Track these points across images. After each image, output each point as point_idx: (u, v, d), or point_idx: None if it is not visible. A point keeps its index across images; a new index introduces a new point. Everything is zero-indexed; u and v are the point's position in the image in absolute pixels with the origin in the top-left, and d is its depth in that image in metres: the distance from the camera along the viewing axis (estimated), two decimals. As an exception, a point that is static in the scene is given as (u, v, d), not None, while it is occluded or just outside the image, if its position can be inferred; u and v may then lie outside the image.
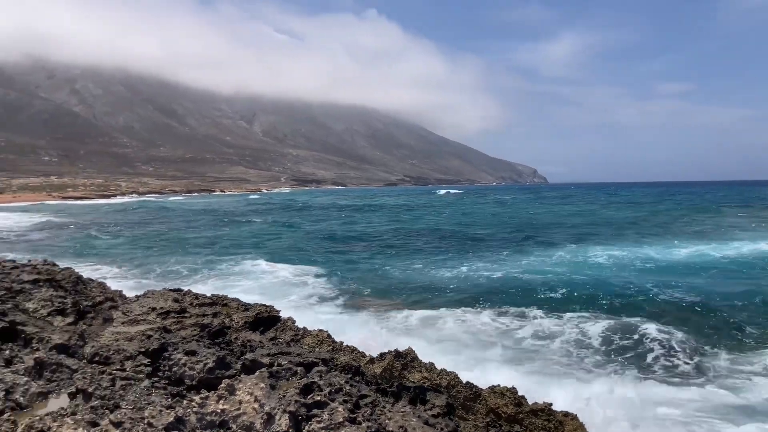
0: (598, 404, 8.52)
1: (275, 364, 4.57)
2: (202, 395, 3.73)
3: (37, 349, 5.67)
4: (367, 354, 8.28)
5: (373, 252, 26.07)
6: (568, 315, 13.50)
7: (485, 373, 9.43)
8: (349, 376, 4.23)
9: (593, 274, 19.05)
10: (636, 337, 11.63)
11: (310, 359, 4.63)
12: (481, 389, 7.68)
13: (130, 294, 10.98)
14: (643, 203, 72.17)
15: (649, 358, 10.53)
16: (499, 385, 8.12)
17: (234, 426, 3.56)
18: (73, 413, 3.62)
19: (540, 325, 12.68)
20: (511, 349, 11.06)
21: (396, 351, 7.85)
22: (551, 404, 7.31)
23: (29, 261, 11.52)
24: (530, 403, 7.40)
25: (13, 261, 11.36)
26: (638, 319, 12.89)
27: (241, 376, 3.98)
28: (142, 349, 5.57)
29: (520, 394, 7.37)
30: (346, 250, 26.79)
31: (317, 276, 19.57)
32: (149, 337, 7.60)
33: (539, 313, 13.70)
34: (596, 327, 12.31)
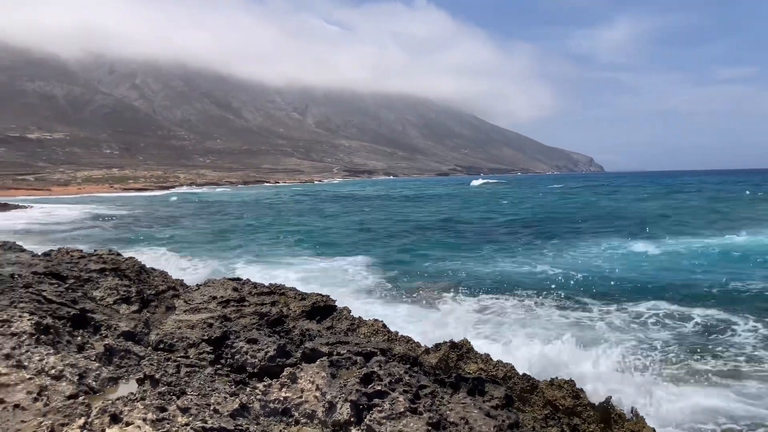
0: (662, 400, 8.31)
1: (334, 353, 4.62)
2: (265, 383, 3.80)
3: (106, 336, 5.89)
4: (423, 344, 8.29)
5: (420, 242, 26.03)
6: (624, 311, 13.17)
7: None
8: (408, 366, 4.24)
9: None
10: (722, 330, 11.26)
11: (369, 349, 4.66)
12: (538, 381, 7.60)
13: (190, 282, 11.28)
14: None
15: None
16: (556, 378, 8.02)
17: (296, 413, 3.61)
18: (142, 398, 3.74)
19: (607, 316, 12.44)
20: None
21: (451, 342, 7.83)
22: (611, 397, 7.18)
23: (95, 251, 11.97)
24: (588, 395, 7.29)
25: (81, 250, 11.83)
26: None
27: (303, 364, 4.03)
28: (205, 337, 5.72)
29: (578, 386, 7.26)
30: (395, 240, 26.84)
31: (366, 266, 19.67)
32: (211, 325, 7.80)
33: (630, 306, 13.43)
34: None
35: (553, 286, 15.50)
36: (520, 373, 7.76)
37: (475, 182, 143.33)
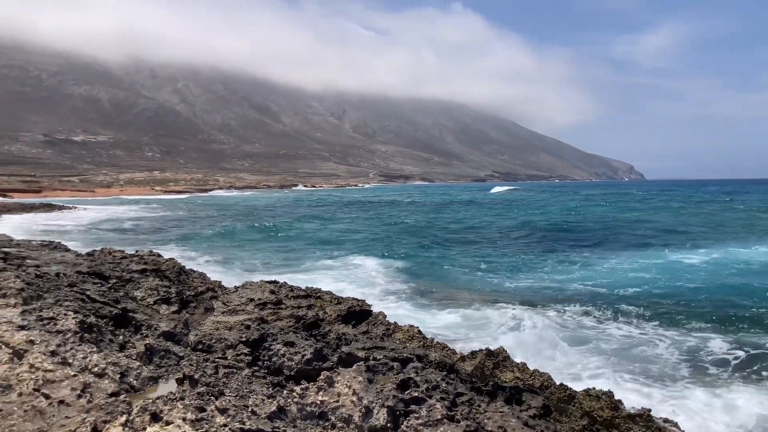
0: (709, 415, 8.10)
1: (371, 358, 4.62)
2: (302, 386, 3.81)
3: (147, 336, 6.00)
4: (458, 351, 8.23)
5: (455, 248, 25.89)
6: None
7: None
8: (444, 373, 4.21)
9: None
10: None
11: (405, 354, 4.64)
12: (576, 391, 7.48)
13: (227, 283, 11.44)
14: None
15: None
16: (594, 388, 7.88)
17: (333, 417, 3.62)
18: (182, 398, 3.79)
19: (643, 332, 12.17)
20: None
21: (488, 349, 7.76)
22: (650, 410, 7.02)
23: (136, 251, 12.23)
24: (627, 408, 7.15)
25: (122, 251, 12.10)
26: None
27: (339, 368, 4.04)
28: (243, 339, 5.78)
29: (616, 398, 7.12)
30: (429, 245, 26.74)
31: (399, 270, 19.66)
32: (248, 327, 7.89)
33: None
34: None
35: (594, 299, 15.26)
36: (557, 383, 7.66)
37: (495, 189, 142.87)
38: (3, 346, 4.38)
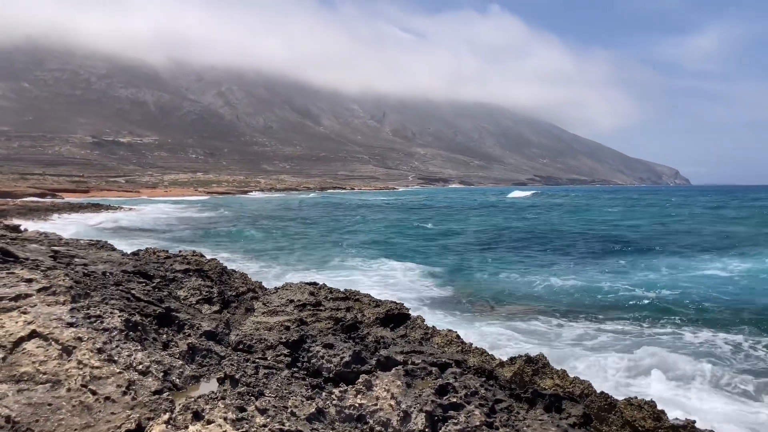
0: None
1: (409, 362, 4.62)
2: (341, 388, 3.84)
3: (189, 335, 6.11)
4: (497, 357, 8.17)
5: (488, 253, 25.67)
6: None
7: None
8: (483, 379, 4.18)
9: None
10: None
11: (444, 359, 4.63)
12: (617, 400, 7.34)
13: (268, 284, 11.58)
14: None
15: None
16: (635, 397, 7.71)
17: (371, 421, 3.63)
18: (223, 397, 3.85)
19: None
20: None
21: (527, 356, 7.67)
22: (695, 421, 6.84)
23: (180, 252, 12.48)
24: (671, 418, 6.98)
25: (166, 251, 12.36)
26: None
27: (378, 372, 4.05)
28: (283, 340, 5.84)
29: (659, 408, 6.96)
30: (464, 251, 26.57)
31: (434, 276, 19.61)
32: (288, 328, 7.97)
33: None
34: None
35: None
36: (598, 390, 7.53)
37: (512, 194, 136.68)
38: (53, 343, 4.53)
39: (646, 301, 15.23)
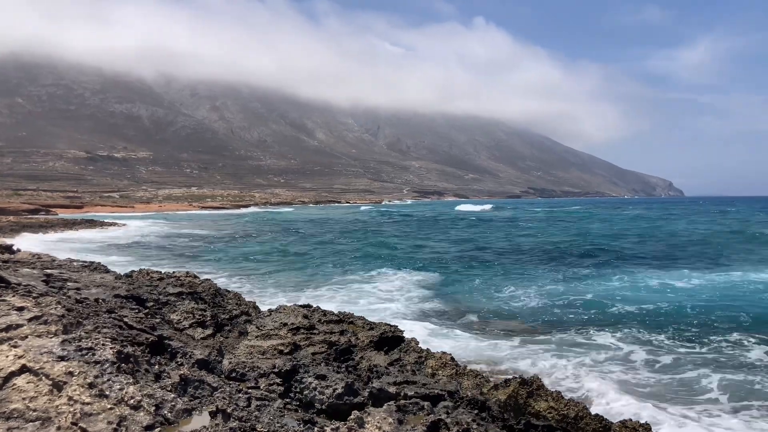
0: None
1: (401, 393, 4.62)
2: (333, 426, 3.83)
3: (182, 364, 6.09)
4: (491, 379, 8.15)
5: (487, 268, 25.68)
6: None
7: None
8: (476, 412, 4.18)
9: None
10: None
11: (437, 391, 4.63)
12: (612, 423, 7.36)
13: (262, 304, 11.55)
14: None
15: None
16: (630, 420, 7.74)
17: (363, 459, 3.62)
18: (215, 433, 3.84)
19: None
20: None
21: (521, 378, 7.68)
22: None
23: (174, 272, 12.46)
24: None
25: (159, 272, 12.35)
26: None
27: (370, 408, 4.05)
28: (276, 369, 5.83)
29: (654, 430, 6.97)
30: (462, 265, 26.58)
31: (425, 287, 19.62)
32: (281, 352, 7.95)
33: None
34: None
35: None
36: (593, 413, 7.53)
37: (459, 207, 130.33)
38: (44, 378, 4.50)
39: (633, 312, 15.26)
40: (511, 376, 8.00)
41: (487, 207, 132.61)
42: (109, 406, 4.31)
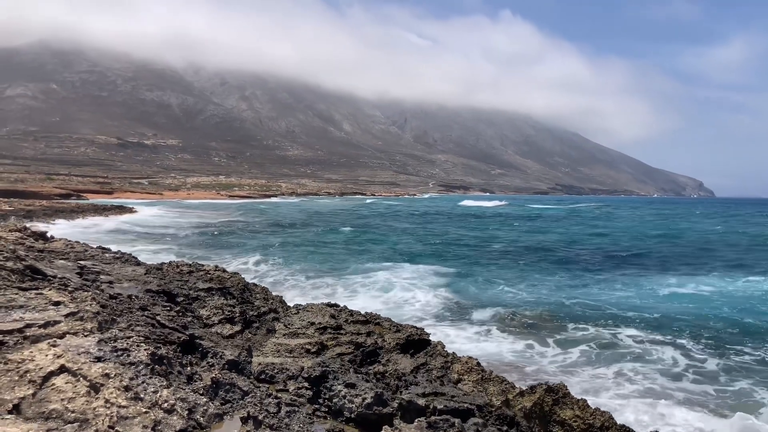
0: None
1: (430, 406, 4.65)
2: (363, 441, 3.86)
3: (213, 366, 6.18)
4: (517, 386, 8.12)
5: (514, 265, 25.53)
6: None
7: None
8: (505, 429, 4.18)
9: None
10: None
11: (466, 405, 4.64)
12: (638, 434, 7.29)
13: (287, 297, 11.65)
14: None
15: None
16: (657, 431, 7.69)
17: (393, 475, 3.64)
18: (247, 442, 3.89)
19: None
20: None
21: (547, 385, 7.63)
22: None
23: (203, 265, 12.61)
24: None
25: (188, 264, 12.49)
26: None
27: (402, 425, 4.07)
28: (305, 375, 5.89)
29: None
30: (490, 265, 26.47)
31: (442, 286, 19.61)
32: (309, 351, 8.02)
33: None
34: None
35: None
36: (618, 423, 7.48)
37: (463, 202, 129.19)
38: (81, 379, 4.60)
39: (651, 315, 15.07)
40: (536, 382, 7.98)
41: (497, 203, 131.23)
42: (144, 410, 4.39)
